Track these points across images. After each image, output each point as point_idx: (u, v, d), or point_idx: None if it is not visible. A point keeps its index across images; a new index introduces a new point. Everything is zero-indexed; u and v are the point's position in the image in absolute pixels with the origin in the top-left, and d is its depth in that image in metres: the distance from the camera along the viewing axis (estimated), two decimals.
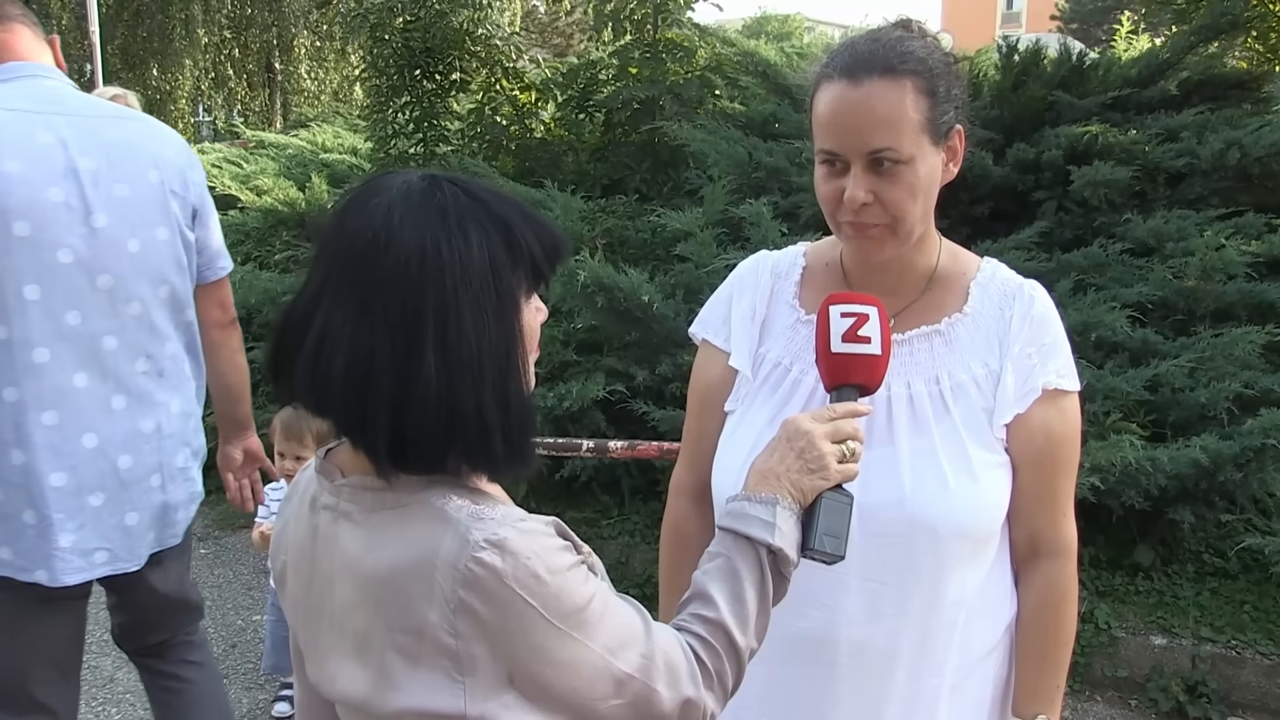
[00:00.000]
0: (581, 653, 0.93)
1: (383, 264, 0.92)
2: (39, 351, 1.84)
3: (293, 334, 0.97)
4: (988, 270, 1.35)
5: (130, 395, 1.95)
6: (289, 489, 1.13)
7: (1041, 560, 1.32)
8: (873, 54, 1.20)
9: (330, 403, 0.96)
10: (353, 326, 0.93)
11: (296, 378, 0.97)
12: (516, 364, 0.97)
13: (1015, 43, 5.24)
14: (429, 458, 0.94)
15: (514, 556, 0.90)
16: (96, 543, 1.93)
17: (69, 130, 1.89)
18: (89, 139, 1.91)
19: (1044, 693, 1.32)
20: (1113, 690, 3.36)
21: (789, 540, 1.07)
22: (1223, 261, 3.81)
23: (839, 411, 1.15)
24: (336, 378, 0.93)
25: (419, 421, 0.92)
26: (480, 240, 0.94)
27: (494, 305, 0.94)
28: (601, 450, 3.21)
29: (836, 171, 1.23)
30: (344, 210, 0.98)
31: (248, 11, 17.18)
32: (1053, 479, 1.30)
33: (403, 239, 0.93)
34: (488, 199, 0.98)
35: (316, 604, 1.03)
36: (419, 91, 6.64)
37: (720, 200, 4.48)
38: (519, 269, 0.97)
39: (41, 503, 1.85)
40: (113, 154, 1.93)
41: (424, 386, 0.91)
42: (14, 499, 1.85)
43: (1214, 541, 3.76)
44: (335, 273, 0.95)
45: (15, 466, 1.84)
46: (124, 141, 1.96)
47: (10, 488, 1.85)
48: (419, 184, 0.97)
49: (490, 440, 0.94)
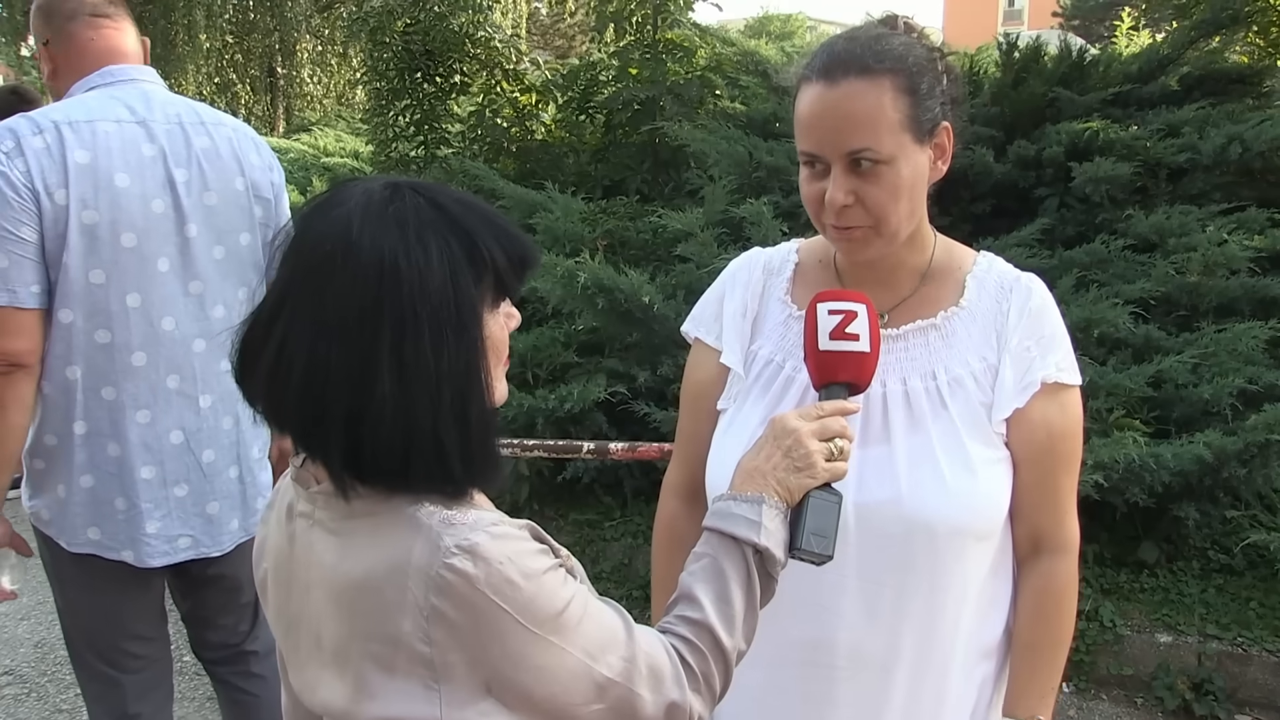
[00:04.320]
0: (560, 658, 0.92)
1: (341, 276, 0.90)
2: (137, 355, 1.97)
3: (254, 343, 0.96)
4: (983, 264, 1.33)
5: (215, 394, 2.06)
6: (270, 497, 1.12)
7: (1043, 557, 1.30)
8: (849, 54, 1.19)
9: (286, 415, 0.95)
10: (310, 338, 0.91)
11: (256, 387, 0.96)
12: (478, 379, 0.95)
13: (1016, 39, 5.23)
14: (387, 474, 0.93)
15: (486, 561, 0.89)
16: (180, 530, 2.06)
17: (166, 141, 2.00)
18: (182, 149, 2.01)
19: (1038, 693, 1.29)
20: (1118, 688, 3.35)
21: (776, 540, 1.06)
22: (1225, 257, 3.80)
23: (827, 409, 1.14)
24: (293, 390, 0.92)
25: (374, 438, 0.91)
26: (441, 252, 0.92)
27: (454, 320, 0.92)
28: (602, 452, 3.20)
29: (817, 173, 1.22)
30: (305, 219, 0.96)
31: (250, 16, 17.20)
32: (1054, 475, 1.28)
33: (361, 250, 0.91)
34: (451, 208, 0.95)
35: (296, 613, 1.02)
36: (420, 94, 6.67)
37: (721, 200, 4.47)
38: (482, 281, 0.95)
39: (132, 492, 1.99)
40: (203, 163, 2.03)
41: (379, 403, 0.90)
42: (108, 486, 1.98)
43: (1219, 538, 3.74)
44: (295, 283, 0.94)
45: (111, 458, 1.98)
46: (213, 150, 2.06)
47: (105, 476, 1.98)
48: (380, 193, 0.95)
49: (448, 460, 0.93)
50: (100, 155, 1.90)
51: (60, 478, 1.98)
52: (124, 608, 2.11)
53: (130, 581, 2.07)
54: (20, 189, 1.83)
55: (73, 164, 1.87)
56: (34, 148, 1.85)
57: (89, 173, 1.88)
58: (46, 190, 1.84)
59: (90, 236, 1.88)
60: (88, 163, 1.89)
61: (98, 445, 1.97)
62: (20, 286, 1.84)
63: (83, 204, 1.87)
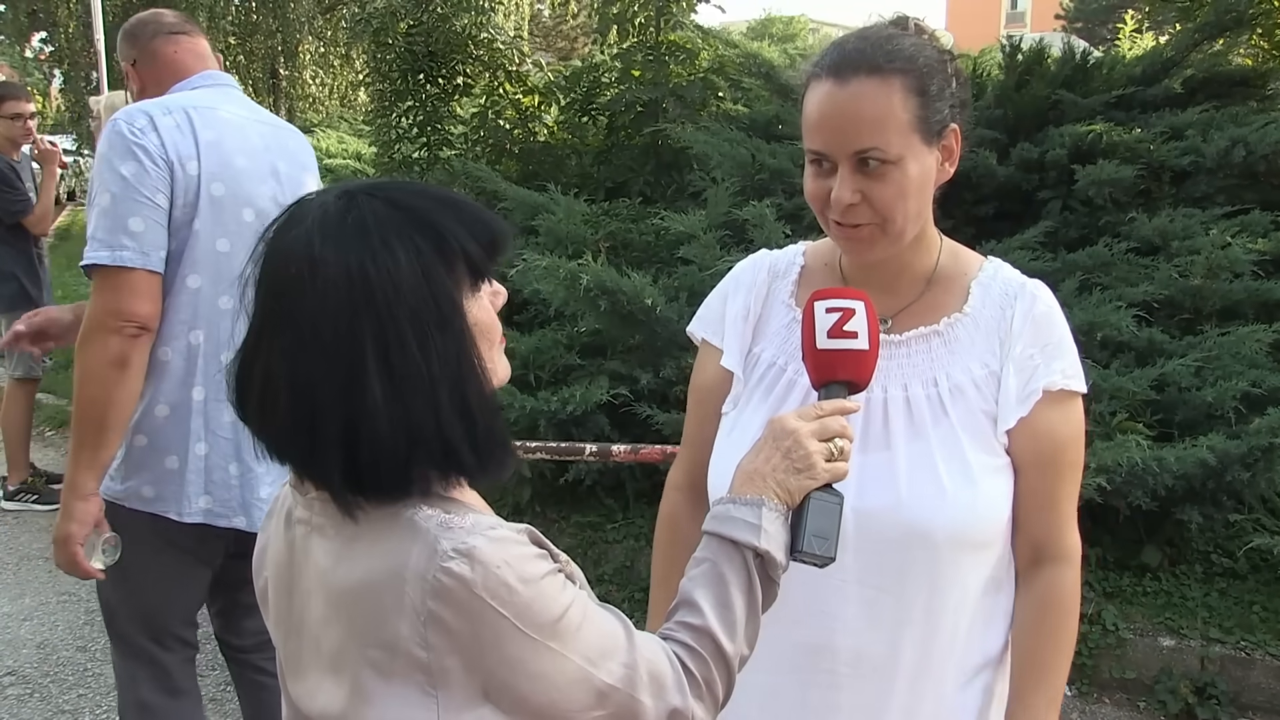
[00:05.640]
0: (559, 664, 0.91)
1: (311, 295, 0.89)
2: None
3: (244, 379, 0.95)
4: (989, 270, 1.32)
5: None
6: (270, 504, 1.11)
7: (1044, 566, 1.29)
8: (860, 52, 1.18)
9: (283, 445, 0.95)
10: (290, 365, 0.90)
11: (254, 422, 0.95)
12: (472, 367, 0.94)
13: (1019, 42, 5.23)
14: (389, 484, 0.92)
15: (483, 565, 0.88)
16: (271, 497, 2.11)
17: (266, 135, 2.16)
18: (277, 145, 2.17)
19: (1043, 704, 1.27)
20: (1120, 692, 3.34)
21: (776, 543, 1.05)
22: (1229, 259, 3.79)
23: (826, 409, 1.12)
24: (283, 418, 0.91)
25: (373, 451, 0.90)
26: (408, 252, 0.91)
27: (435, 317, 0.91)
28: (605, 454, 3.20)
29: (824, 171, 1.21)
30: (267, 245, 0.95)
31: (253, 18, 17.19)
32: (1056, 483, 1.27)
33: (326, 266, 0.89)
34: (413, 204, 0.94)
35: (296, 620, 1.01)
36: (422, 96, 6.66)
37: (724, 202, 4.46)
38: (455, 270, 0.94)
39: (247, 456, 2.05)
40: (292, 159, 2.19)
41: (373, 415, 0.89)
42: (222, 451, 2.04)
43: (1222, 541, 3.73)
44: (268, 311, 0.93)
45: (226, 423, 2.04)
46: (296, 148, 2.24)
47: (219, 442, 2.04)
48: (335, 204, 0.93)
49: (457, 452, 0.92)
50: (224, 136, 2.04)
51: (172, 448, 2.01)
52: (188, 592, 2.16)
53: (206, 565, 2.14)
54: (157, 159, 1.93)
55: (203, 140, 1.99)
56: (166, 125, 1.97)
57: (215, 149, 2.01)
58: (180, 161, 1.95)
59: (217, 207, 2.00)
60: (214, 140, 2.02)
61: (215, 411, 2.03)
62: (153, 250, 1.91)
63: (211, 176, 1.99)
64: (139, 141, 1.92)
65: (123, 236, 1.89)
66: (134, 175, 1.90)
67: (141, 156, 1.91)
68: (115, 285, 1.89)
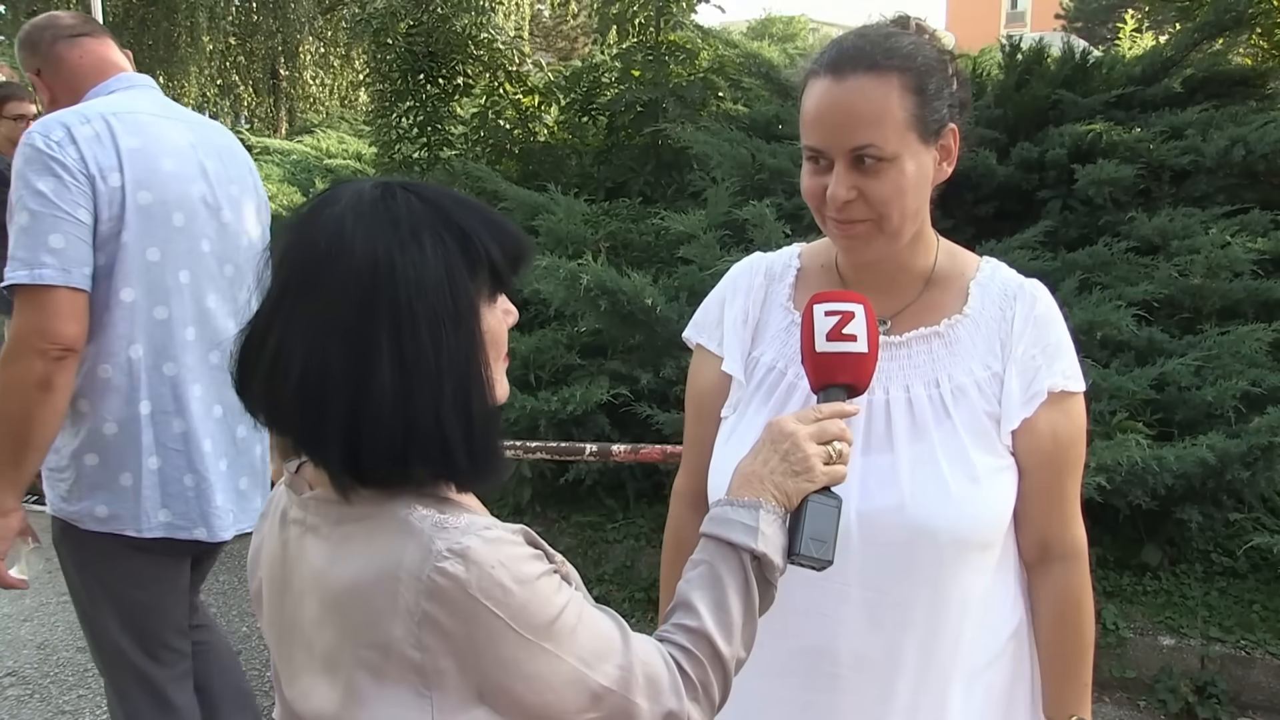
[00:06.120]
0: (554, 665, 0.91)
1: (335, 275, 0.90)
2: (189, 330, 2.04)
3: (251, 351, 0.95)
4: (987, 270, 1.32)
5: None
6: (265, 505, 1.11)
7: (1053, 564, 1.30)
8: (858, 50, 1.18)
9: (285, 418, 0.95)
10: (306, 340, 0.91)
11: (255, 394, 0.96)
12: (479, 373, 0.95)
13: (1019, 42, 5.23)
14: (386, 472, 0.92)
15: (478, 566, 0.88)
16: (229, 504, 2.11)
17: (192, 134, 2.11)
18: (206, 143, 2.12)
19: (1074, 694, 1.31)
20: (1121, 691, 3.34)
21: (773, 545, 1.05)
22: (1228, 259, 3.79)
23: (824, 412, 1.12)
24: (290, 392, 0.91)
25: (374, 435, 0.90)
26: (435, 248, 0.92)
27: (451, 314, 0.92)
28: (605, 454, 3.20)
29: (821, 169, 1.21)
30: (298, 222, 0.96)
31: (253, 18, 17.18)
32: (1060, 482, 1.27)
33: (355, 249, 0.91)
34: (444, 205, 0.95)
35: (290, 621, 1.01)
36: (422, 96, 6.67)
37: (724, 202, 4.47)
38: (478, 275, 0.95)
39: (201, 465, 2.04)
40: (223, 156, 2.15)
41: (378, 400, 0.89)
42: (175, 464, 2.02)
43: (1222, 540, 3.74)
44: (290, 286, 0.94)
45: (176, 434, 2.02)
46: (227, 146, 2.19)
47: (171, 454, 2.02)
48: (372, 193, 0.95)
49: (452, 453, 0.92)
50: (148, 141, 1.99)
51: (125, 465, 1.98)
52: (170, 597, 2.15)
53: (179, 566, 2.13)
54: (76, 173, 1.88)
55: (125, 149, 1.94)
56: (84, 136, 1.91)
57: (140, 156, 1.96)
58: (101, 173, 1.90)
59: (146, 216, 1.95)
60: (138, 146, 1.96)
61: (163, 424, 2.00)
62: (75, 267, 1.86)
63: (137, 184, 1.94)
64: (55, 156, 1.86)
65: (43, 254, 1.83)
66: (53, 191, 1.84)
67: (60, 171, 1.85)
68: (38, 305, 1.83)
